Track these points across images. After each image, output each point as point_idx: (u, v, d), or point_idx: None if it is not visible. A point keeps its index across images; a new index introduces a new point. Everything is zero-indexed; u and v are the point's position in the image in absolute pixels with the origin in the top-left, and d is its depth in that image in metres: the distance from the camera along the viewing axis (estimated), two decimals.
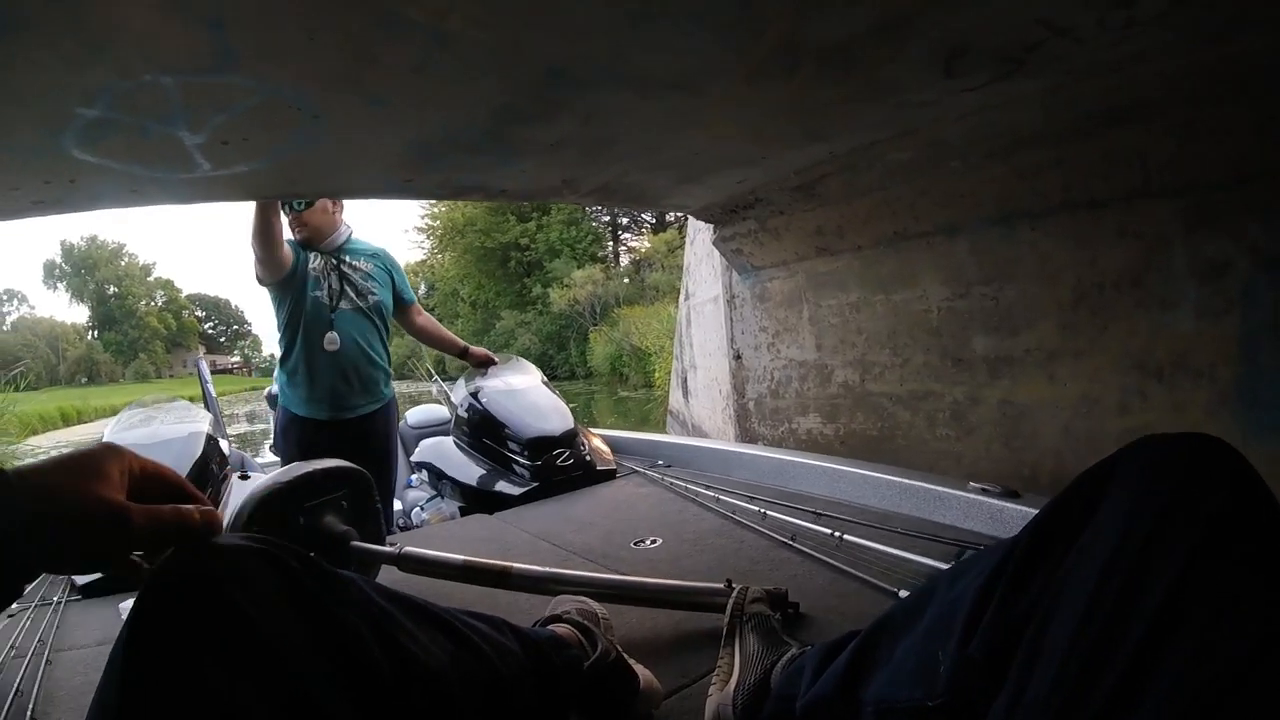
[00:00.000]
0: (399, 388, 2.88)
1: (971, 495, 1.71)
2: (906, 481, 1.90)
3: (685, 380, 5.08)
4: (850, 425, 2.96)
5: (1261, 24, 1.40)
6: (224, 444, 2.62)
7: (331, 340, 2.55)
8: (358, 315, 2.62)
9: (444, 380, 4.07)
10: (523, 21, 1.41)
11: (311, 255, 2.57)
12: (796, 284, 3.14)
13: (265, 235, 2.37)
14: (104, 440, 2.22)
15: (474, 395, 2.87)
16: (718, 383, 4.04)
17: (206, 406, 3.37)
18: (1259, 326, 1.83)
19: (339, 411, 2.59)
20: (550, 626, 1.07)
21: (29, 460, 0.61)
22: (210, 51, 1.42)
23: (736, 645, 1.09)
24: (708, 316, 4.23)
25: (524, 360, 3.26)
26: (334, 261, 2.60)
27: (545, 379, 3.06)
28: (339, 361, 2.56)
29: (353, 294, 2.61)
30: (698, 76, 1.69)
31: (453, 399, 3.20)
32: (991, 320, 2.40)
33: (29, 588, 1.96)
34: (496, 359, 3.11)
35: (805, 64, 1.63)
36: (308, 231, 2.58)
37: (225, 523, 1.40)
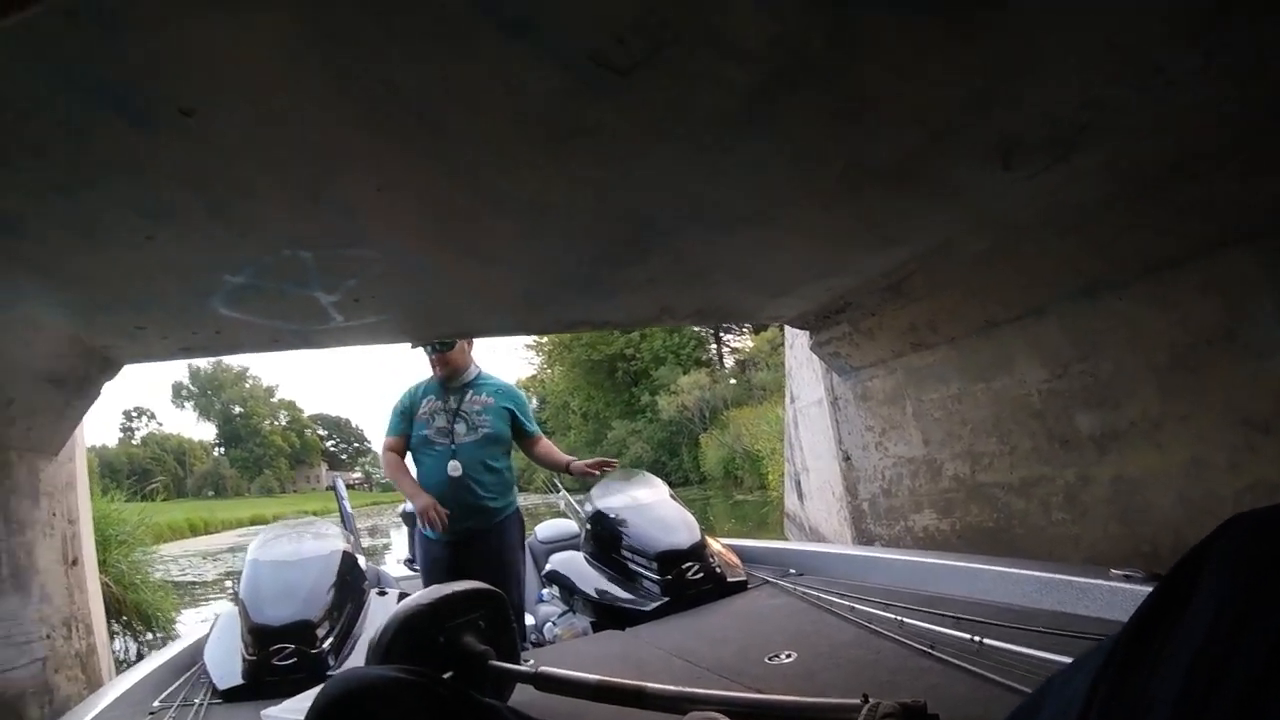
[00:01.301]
0: (520, 499, 3.03)
1: (1114, 584, 1.62)
2: (1045, 575, 1.81)
3: (799, 483, 5.05)
4: (965, 518, 2.88)
5: None
6: (361, 560, 2.74)
7: (454, 468, 2.80)
8: (475, 445, 2.87)
9: (564, 491, 4.16)
10: (612, 188, 1.62)
11: (424, 399, 2.89)
12: (897, 381, 3.15)
13: (396, 481, 2.89)
14: (249, 557, 2.38)
15: (602, 510, 2.96)
16: (830, 484, 4.01)
17: (343, 523, 3.50)
18: None
19: (452, 532, 2.78)
20: None
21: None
22: (341, 231, 1.70)
23: None
24: (814, 419, 4.25)
25: (650, 474, 3.31)
26: (452, 402, 2.89)
27: (672, 492, 3.09)
28: (452, 488, 2.79)
29: (463, 428, 2.86)
30: (771, 210, 1.86)
31: (581, 513, 3.29)
32: (1093, 396, 2.34)
33: (171, 688, 1.99)
34: (614, 463, 3.18)
35: (869, 184, 1.77)
36: (448, 369, 2.90)
37: (371, 641, 1.54)
